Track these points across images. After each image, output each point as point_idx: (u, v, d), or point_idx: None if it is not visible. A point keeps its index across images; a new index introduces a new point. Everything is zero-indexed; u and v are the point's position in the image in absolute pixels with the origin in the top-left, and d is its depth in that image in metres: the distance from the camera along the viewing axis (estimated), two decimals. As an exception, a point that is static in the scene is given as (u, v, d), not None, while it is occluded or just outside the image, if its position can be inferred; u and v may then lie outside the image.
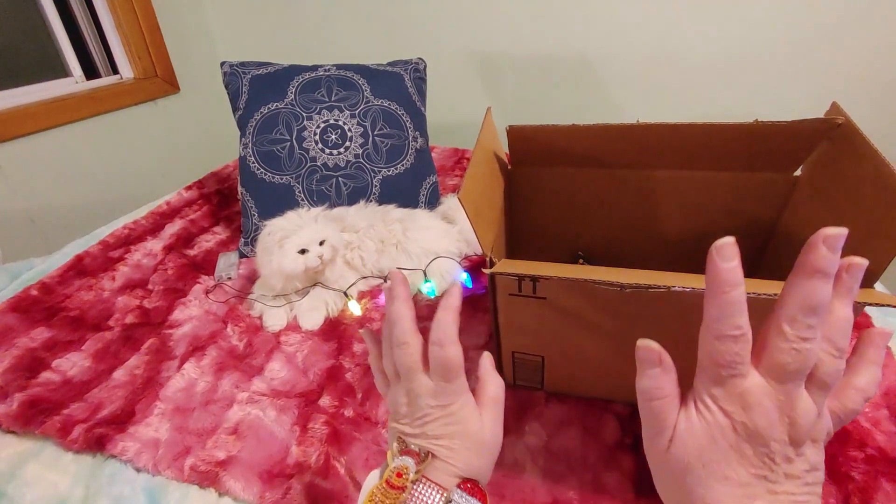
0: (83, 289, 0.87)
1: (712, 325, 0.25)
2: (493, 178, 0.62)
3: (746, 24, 1.32)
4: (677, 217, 0.67)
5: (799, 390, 0.25)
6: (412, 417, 0.36)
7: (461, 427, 0.35)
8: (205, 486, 0.55)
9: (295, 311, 0.80)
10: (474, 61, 1.60)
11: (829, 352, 0.25)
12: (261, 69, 1.04)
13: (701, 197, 0.64)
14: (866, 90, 1.31)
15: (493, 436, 0.36)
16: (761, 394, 0.25)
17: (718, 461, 0.26)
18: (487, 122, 0.62)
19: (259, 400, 0.65)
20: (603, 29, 1.44)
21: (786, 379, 0.25)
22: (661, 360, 0.27)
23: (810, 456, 0.26)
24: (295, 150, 0.97)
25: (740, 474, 0.25)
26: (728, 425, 0.26)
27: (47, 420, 0.61)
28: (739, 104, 1.42)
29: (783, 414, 0.25)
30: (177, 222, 1.10)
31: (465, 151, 1.46)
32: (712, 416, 0.26)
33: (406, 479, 0.32)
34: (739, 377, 0.25)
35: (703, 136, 0.57)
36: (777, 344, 0.24)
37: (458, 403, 0.35)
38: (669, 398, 0.27)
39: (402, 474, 0.33)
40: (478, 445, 0.35)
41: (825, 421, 0.27)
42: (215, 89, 1.30)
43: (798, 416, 0.25)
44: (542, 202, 0.72)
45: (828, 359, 0.25)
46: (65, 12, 1.47)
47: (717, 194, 0.63)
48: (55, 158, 1.40)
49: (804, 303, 0.24)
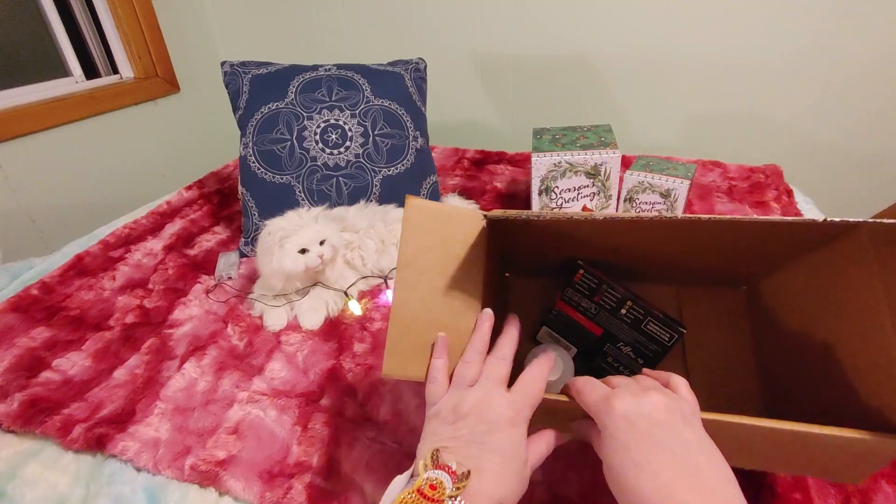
0: (83, 288, 0.87)
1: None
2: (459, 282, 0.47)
3: (746, 25, 1.32)
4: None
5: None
6: (472, 431, 0.36)
7: (513, 449, 0.36)
8: (205, 486, 0.55)
9: (295, 310, 0.80)
10: (474, 61, 1.60)
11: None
12: (261, 69, 1.04)
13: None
14: (866, 90, 1.31)
15: (530, 470, 0.38)
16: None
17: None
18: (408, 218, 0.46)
19: (259, 400, 0.65)
20: (603, 29, 1.44)
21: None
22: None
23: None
24: (295, 150, 0.97)
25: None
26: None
27: (47, 420, 0.61)
28: (739, 105, 1.42)
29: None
30: (177, 222, 1.10)
31: (466, 151, 1.46)
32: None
33: (442, 494, 0.32)
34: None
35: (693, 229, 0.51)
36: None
37: (521, 432, 0.37)
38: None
39: (436, 487, 0.32)
40: (521, 479, 0.36)
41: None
42: (215, 89, 1.30)
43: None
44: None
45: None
46: (65, 12, 1.46)
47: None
48: (55, 158, 1.39)
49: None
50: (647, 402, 0.34)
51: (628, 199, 1.02)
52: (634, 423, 0.33)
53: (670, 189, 0.97)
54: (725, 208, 1.09)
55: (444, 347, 0.43)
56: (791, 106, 1.38)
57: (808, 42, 1.30)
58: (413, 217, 0.45)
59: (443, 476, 0.33)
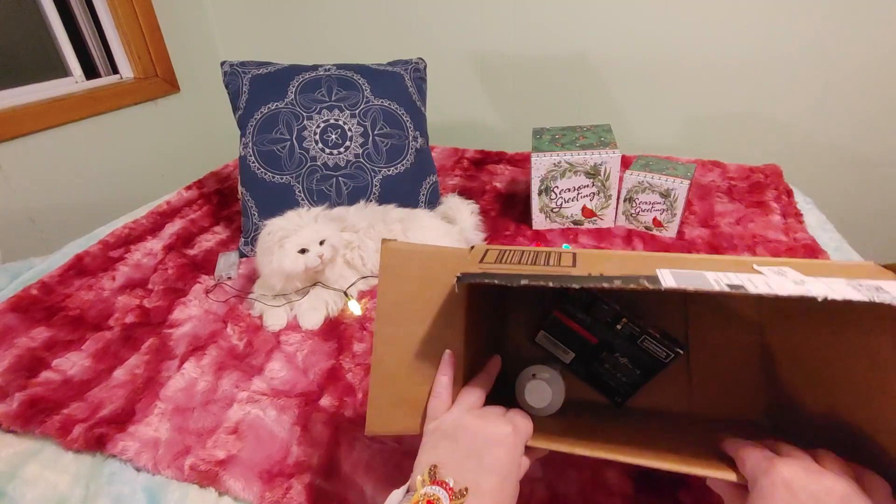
0: (83, 288, 0.87)
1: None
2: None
3: (746, 25, 1.32)
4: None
5: None
6: (470, 446, 0.36)
7: (510, 469, 0.36)
8: (205, 486, 0.55)
9: (295, 310, 0.80)
10: (474, 61, 1.60)
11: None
12: (261, 69, 1.04)
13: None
14: (866, 90, 1.31)
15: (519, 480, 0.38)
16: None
17: None
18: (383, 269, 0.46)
19: (259, 399, 0.65)
20: (603, 29, 1.43)
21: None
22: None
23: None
24: (295, 150, 0.97)
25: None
26: None
27: (47, 420, 0.61)
28: (739, 105, 1.42)
29: None
30: (177, 222, 1.10)
31: (465, 151, 1.46)
32: None
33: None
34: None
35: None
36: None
37: (519, 450, 0.37)
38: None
39: (432, 503, 0.33)
40: (515, 496, 0.36)
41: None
42: (215, 89, 1.30)
43: None
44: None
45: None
46: (65, 12, 1.46)
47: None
48: (55, 158, 1.39)
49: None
50: (822, 483, 0.30)
51: (628, 199, 1.02)
52: (796, 494, 0.30)
53: (670, 189, 0.97)
54: (725, 208, 1.09)
55: (449, 364, 0.42)
56: (791, 106, 1.38)
57: (808, 42, 1.30)
58: (390, 263, 0.44)
59: (440, 493, 0.33)
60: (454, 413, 0.39)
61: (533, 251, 0.44)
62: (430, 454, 0.37)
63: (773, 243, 0.96)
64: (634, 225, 1.04)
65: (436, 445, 0.37)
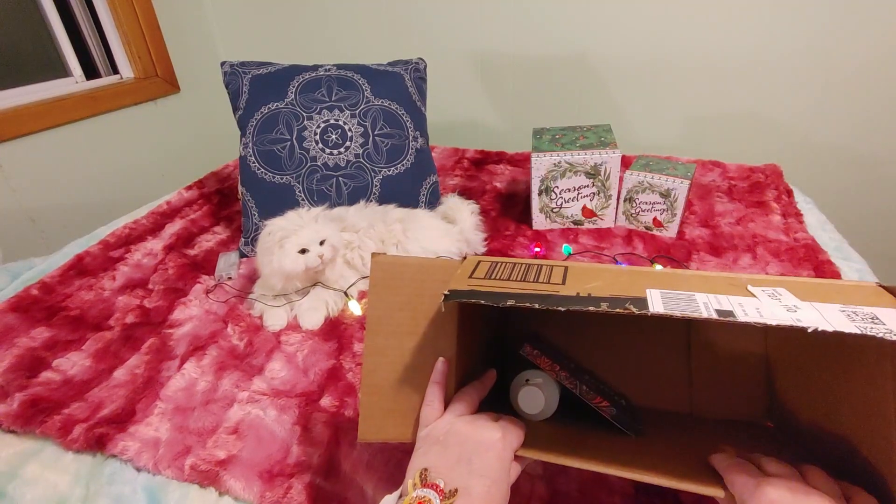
0: (83, 288, 0.87)
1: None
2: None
3: (746, 25, 1.32)
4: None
5: None
6: (460, 451, 0.36)
7: (500, 474, 0.36)
8: (205, 486, 0.55)
9: (295, 310, 0.80)
10: (474, 61, 1.60)
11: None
12: (261, 69, 1.04)
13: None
14: (866, 90, 1.31)
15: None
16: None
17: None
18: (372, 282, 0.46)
19: (259, 399, 0.65)
20: (602, 29, 1.44)
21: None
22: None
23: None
24: (295, 150, 0.97)
25: None
26: None
27: (48, 420, 0.61)
28: (739, 105, 1.42)
29: None
30: (177, 222, 1.10)
31: (465, 151, 1.46)
32: None
33: None
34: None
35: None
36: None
37: (509, 455, 0.37)
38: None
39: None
40: (504, 498, 0.36)
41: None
42: (215, 89, 1.30)
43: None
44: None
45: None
46: (65, 12, 1.46)
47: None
48: (55, 158, 1.39)
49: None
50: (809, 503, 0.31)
51: (628, 199, 1.02)
52: None
53: (670, 189, 0.97)
54: (725, 208, 1.09)
55: (442, 373, 0.43)
56: (791, 106, 1.38)
57: (808, 42, 1.30)
58: (380, 277, 0.44)
59: (431, 494, 0.33)
60: (445, 419, 0.40)
61: (524, 264, 0.44)
62: (421, 459, 0.37)
63: (774, 243, 0.96)
64: (634, 225, 1.04)
65: (427, 451, 0.38)
